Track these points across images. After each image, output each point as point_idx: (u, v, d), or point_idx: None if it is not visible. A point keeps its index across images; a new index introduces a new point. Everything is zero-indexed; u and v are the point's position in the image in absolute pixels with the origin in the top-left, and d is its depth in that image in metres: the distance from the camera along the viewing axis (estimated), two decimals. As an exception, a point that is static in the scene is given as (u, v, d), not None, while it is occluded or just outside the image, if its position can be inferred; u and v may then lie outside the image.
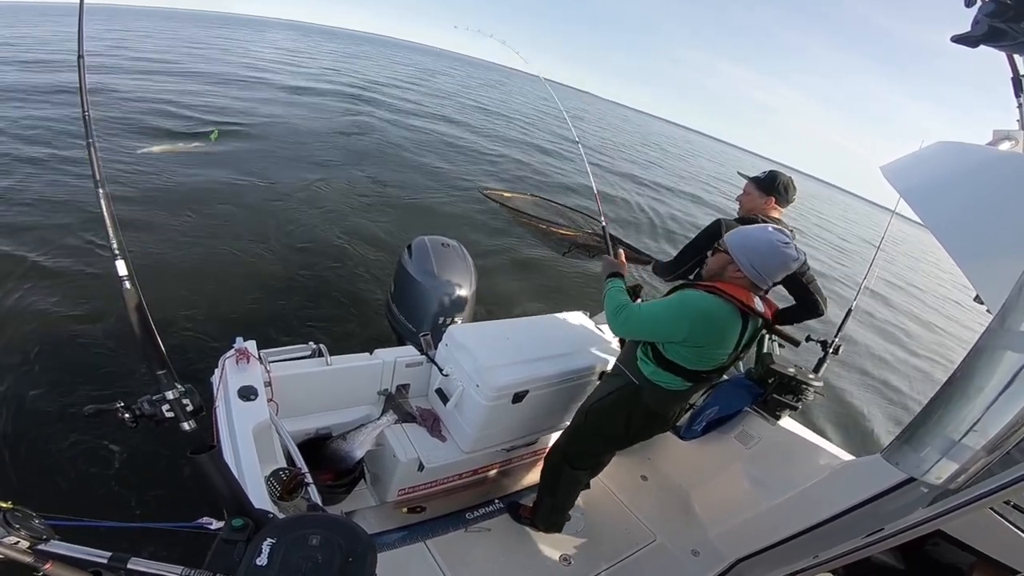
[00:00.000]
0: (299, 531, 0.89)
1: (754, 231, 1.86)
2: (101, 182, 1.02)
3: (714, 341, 1.83)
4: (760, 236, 1.81)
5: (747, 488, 2.63)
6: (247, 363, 2.10)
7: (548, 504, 2.51)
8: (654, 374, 1.97)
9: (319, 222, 6.93)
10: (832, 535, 1.93)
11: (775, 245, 1.76)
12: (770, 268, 1.79)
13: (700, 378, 1.96)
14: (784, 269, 1.81)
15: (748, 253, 1.79)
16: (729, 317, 1.79)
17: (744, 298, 1.78)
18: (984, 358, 1.30)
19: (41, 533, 0.81)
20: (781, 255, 1.77)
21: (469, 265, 3.29)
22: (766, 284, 1.84)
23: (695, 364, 1.88)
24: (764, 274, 1.79)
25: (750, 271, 1.79)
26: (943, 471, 1.39)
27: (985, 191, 1.52)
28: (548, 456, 2.48)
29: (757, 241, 1.80)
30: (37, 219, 5.46)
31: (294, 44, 43.12)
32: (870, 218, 47.64)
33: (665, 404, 2.08)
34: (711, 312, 1.78)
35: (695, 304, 1.80)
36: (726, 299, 1.77)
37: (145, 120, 9.80)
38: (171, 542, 2.41)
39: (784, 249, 1.76)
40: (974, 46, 1.38)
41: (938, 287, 19.10)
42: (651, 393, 2.02)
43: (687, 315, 1.79)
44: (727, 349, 1.85)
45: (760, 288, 1.85)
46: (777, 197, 2.51)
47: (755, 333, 1.92)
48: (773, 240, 1.77)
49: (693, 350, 1.84)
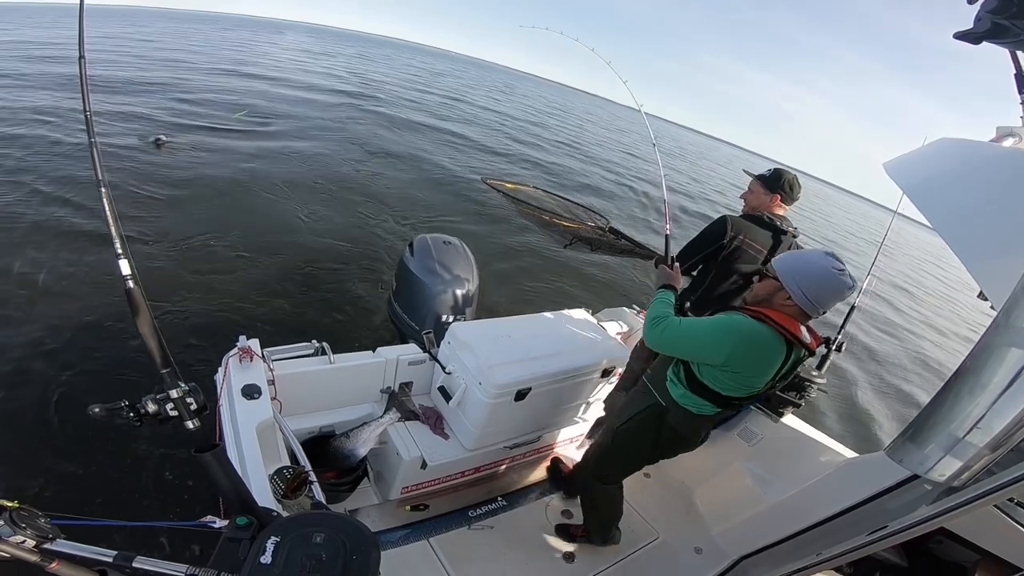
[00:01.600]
0: (303, 529, 0.89)
1: (806, 255, 1.71)
2: (103, 181, 1.01)
3: (754, 369, 1.72)
4: (813, 261, 1.66)
5: (750, 485, 2.63)
6: (250, 361, 2.11)
7: (596, 521, 2.50)
8: (683, 397, 1.89)
9: (322, 221, 6.94)
10: (835, 533, 1.93)
11: (830, 272, 1.62)
12: (823, 297, 1.64)
13: (731, 404, 1.86)
14: (838, 298, 1.66)
15: (799, 280, 1.65)
16: (775, 347, 1.68)
17: (793, 328, 1.67)
18: (988, 355, 1.30)
19: (47, 532, 0.81)
20: (836, 283, 1.62)
21: (471, 262, 3.29)
22: (817, 313, 1.69)
23: (729, 390, 1.78)
24: (816, 303, 1.64)
25: (801, 299, 1.65)
26: (947, 468, 1.39)
27: (988, 188, 1.52)
28: (576, 475, 2.45)
29: (810, 267, 1.65)
30: (40, 219, 5.48)
31: (310, 46, 43.21)
32: (881, 223, 47.49)
33: (691, 427, 2.00)
34: (757, 340, 1.67)
35: (741, 329, 1.68)
36: (774, 328, 1.66)
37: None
38: (176, 540, 2.43)
39: (839, 276, 1.61)
40: (976, 43, 1.37)
41: (941, 284, 19.04)
42: (677, 416, 1.94)
43: (731, 339, 1.68)
44: (766, 378, 1.75)
45: (808, 317, 1.71)
46: (782, 195, 2.48)
47: (796, 363, 1.79)
48: (827, 266, 1.62)
49: (731, 375, 1.74)
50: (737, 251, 2.46)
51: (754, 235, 2.47)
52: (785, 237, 2.49)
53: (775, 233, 2.48)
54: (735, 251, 2.46)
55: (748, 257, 2.47)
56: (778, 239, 2.49)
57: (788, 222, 2.52)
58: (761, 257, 2.48)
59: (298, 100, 15.33)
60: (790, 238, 2.51)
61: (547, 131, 23.72)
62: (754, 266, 2.49)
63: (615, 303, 3.69)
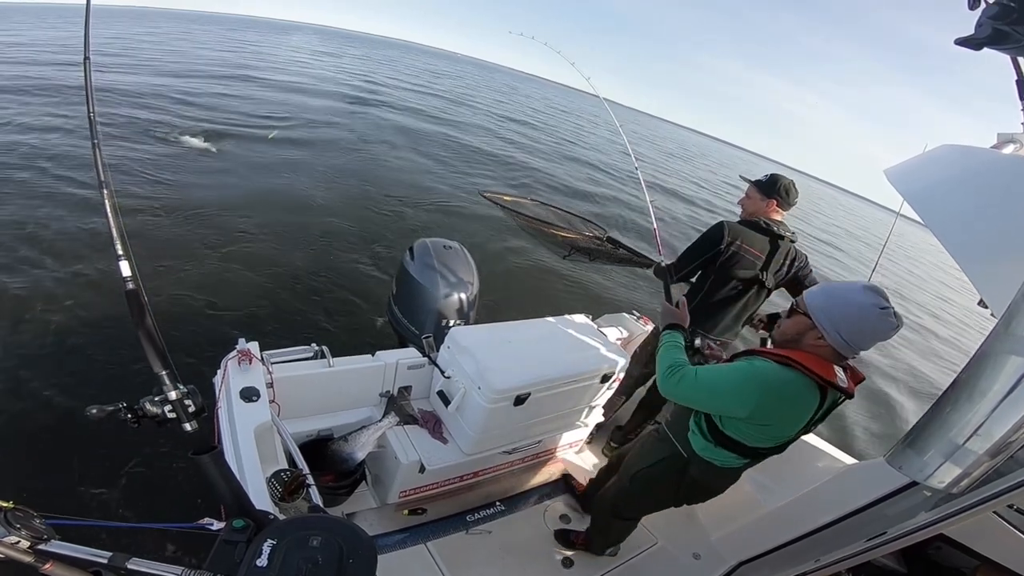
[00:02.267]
0: (300, 532, 0.89)
1: (844, 290, 1.48)
2: (106, 183, 1.02)
3: (783, 421, 1.55)
4: (852, 300, 1.43)
5: (749, 491, 2.62)
6: (249, 364, 2.10)
7: (601, 543, 2.51)
8: (705, 450, 1.74)
9: (321, 224, 6.95)
10: (834, 539, 1.92)
11: (872, 312, 1.39)
12: (862, 339, 1.43)
13: (760, 455, 1.68)
14: (880, 339, 1.44)
15: (835, 319, 1.44)
16: (805, 394, 1.48)
17: (826, 373, 1.46)
18: (988, 362, 1.29)
19: (42, 533, 0.81)
20: (878, 324, 1.40)
21: (471, 267, 3.28)
22: (853, 355, 1.49)
23: (757, 442, 1.61)
24: (853, 344, 1.44)
25: (836, 340, 1.44)
26: (946, 475, 1.38)
27: (989, 194, 1.52)
28: (597, 505, 2.43)
29: (848, 306, 1.43)
30: (43, 219, 5.49)
31: (316, 46, 43.43)
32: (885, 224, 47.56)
33: (716, 479, 1.84)
34: (784, 390, 1.47)
35: (767, 378, 1.48)
36: (805, 373, 1.45)
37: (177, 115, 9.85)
38: (172, 542, 2.43)
39: (884, 317, 1.39)
40: (978, 49, 1.37)
41: (942, 289, 19.03)
42: (699, 467, 1.79)
43: (755, 390, 1.48)
44: (797, 427, 1.56)
45: (844, 358, 1.51)
46: (779, 200, 2.49)
47: (832, 407, 1.59)
48: (868, 304, 1.40)
49: (757, 428, 1.57)
50: (734, 257, 2.47)
51: (751, 240, 2.47)
52: (783, 242, 2.50)
53: (772, 238, 2.49)
54: (732, 257, 2.47)
55: (746, 263, 2.48)
56: (775, 244, 2.50)
57: (786, 227, 2.52)
58: (759, 263, 2.49)
59: (301, 104, 15.39)
60: (788, 243, 2.52)
61: (542, 132, 23.78)
62: (752, 272, 2.50)
63: (615, 309, 3.69)
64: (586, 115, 42.91)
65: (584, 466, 3.13)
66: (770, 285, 2.55)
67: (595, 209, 11.60)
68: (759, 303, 2.66)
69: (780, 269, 2.54)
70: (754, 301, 2.64)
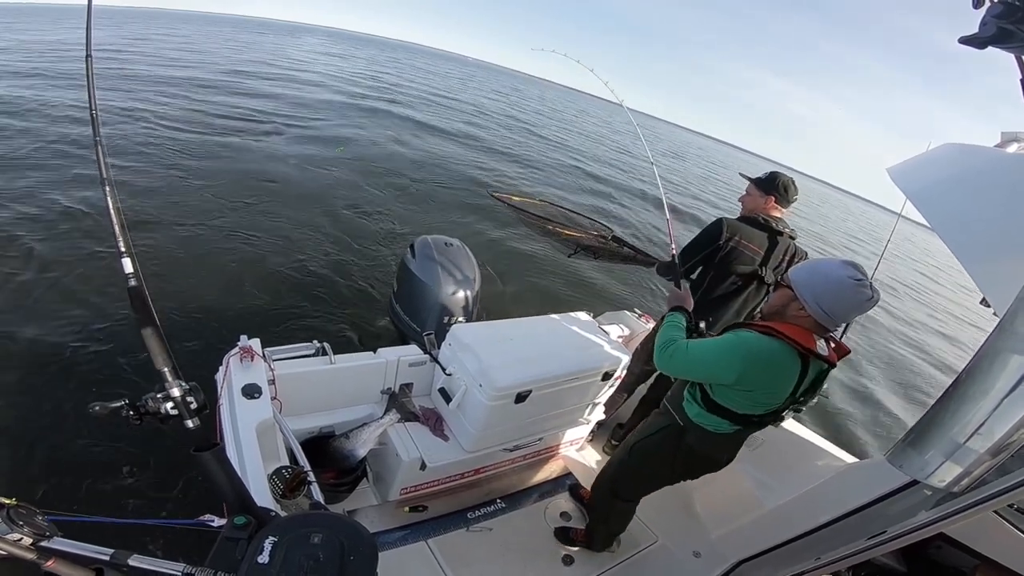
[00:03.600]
0: (301, 529, 0.89)
1: (823, 265, 1.62)
2: (108, 180, 1.02)
3: (767, 385, 1.66)
4: (830, 272, 1.56)
5: (749, 489, 2.63)
6: (251, 361, 2.11)
7: (603, 532, 2.51)
8: (699, 416, 1.85)
9: (323, 221, 6.94)
10: (835, 537, 1.92)
11: (847, 283, 1.52)
12: (840, 309, 1.55)
13: (751, 422, 1.79)
14: (857, 310, 1.56)
15: (814, 291, 1.57)
16: (786, 361, 1.60)
17: (806, 341, 1.58)
18: (990, 361, 1.29)
19: (44, 530, 0.81)
20: (853, 294, 1.52)
21: (472, 264, 3.29)
22: (834, 326, 1.61)
23: (745, 408, 1.72)
24: (832, 315, 1.56)
25: (816, 311, 1.56)
26: (947, 474, 1.38)
27: (992, 193, 1.52)
28: (596, 486, 2.43)
29: (826, 278, 1.56)
30: (45, 215, 5.50)
31: (327, 48, 43.50)
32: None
33: (711, 447, 1.94)
34: (766, 357, 1.60)
35: (748, 346, 1.61)
36: (784, 341, 1.58)
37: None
38: (173, 539, 2.43)
39: (857, 288, 1.51)
40: (982, 47, 1.36)
41: (944, 288, 19.01)
42: (695, 435, 1.89)
43: (739, 357, 1.61)
44: (783, 394, 1.67)
45: (826, 330, 1.63)
46: (777, 196, 2.51)
47: (818, 377, 1.72)
48: (843, 277, 1.52)
49: (744, 394, 1.69)
50: (733, 252, 2.50)
51: (750, 236, 2.51)
52: (781, 238, 2.53)
53: (771, 234, 2.52)
54: (731, 252, 2.51)
55: (744, 259, 2.51)
56: (774, 240, 2.52)
57: (784, 223, 2.55)
58: (758, 258, 2.52)
59: (310, 102, 15.39)
60: (787, 239, 2.55)
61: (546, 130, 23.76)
62: (751, 267, 2.53)
63: (617, 306, 3.69)
64: (589, 116, 42.85)
65: (585, 464, 3.13)
66: (769, 280, 2.56)
67: (610, 204, 11.59)
68: (759, 299, 2.67)
69: (779, 264, 2.56)
70: (754, 296, 2.65)
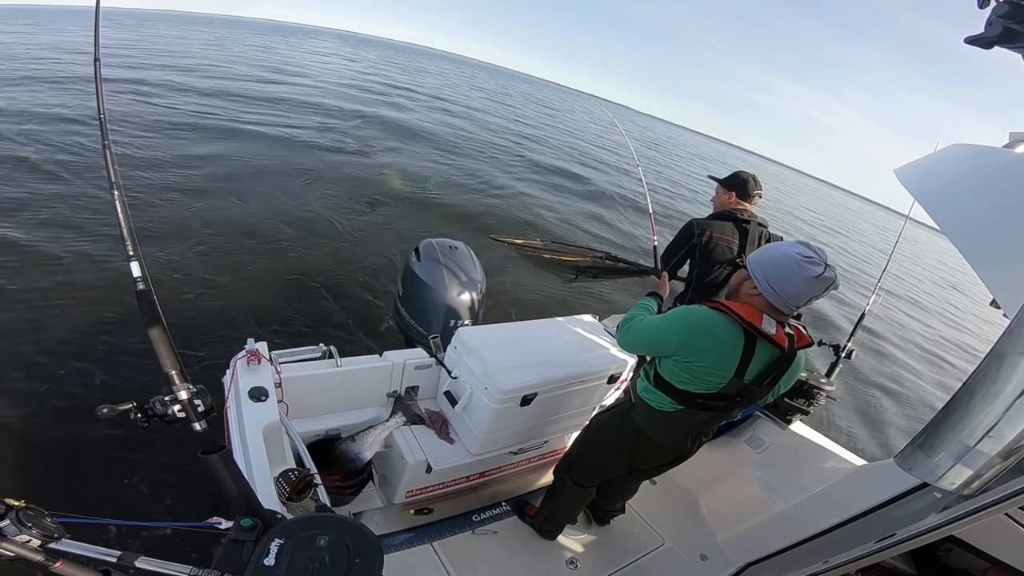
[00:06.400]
0: (307, 532, 0.89)
1: (776, 245, 1.65)
2: (116, 184, 1.02)
3: (705, 359, 1.65)
4: (779, 250, 1.58)
5: (757, 492, 2.61)
6: (258, 364, 2.11)
7: (547, 510, 2.49)
8: (645, 391, 1.88)
9: (329, 226, 6.97)
10: (843, 540, 1.91)
11: (794, 258, 1.52)
12: (788, 287, 1.54)
13: (694, 403, 1.76)
14: (808, 289, 1.53)
15: (764, 268, 1.58)
16: (727, 335, 1.61)
17: (749, 316, 1.57)
18: (1000, 363, 1.28)
19: (52, 531, 0.82)
20: (800, 271, 1.51)
21: (477, 267, 3.29)
22: (787, 307, 1.59)
23: (684, 383, 1.72)
24: (781, 293, 1.55)
25: (765, 288, 1.57)
26: (957, 476, 1.37)
27: (1001, 194, 1.50)
28: (560, 461, 2.45)
29: (775, 255, 1.58)
30: (54, 219, 5.54)
31: (335, 50, 43.82)
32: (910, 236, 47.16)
33: (656, 428, 1.91)
34: (705, 327, 1.63)
35: (691, 316, 1.66)
36: (729, 315, 1.60)
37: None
38: (180, 541, 2.44)
39: (804, 264, 1.50)
40: (988, 47, 1.36)
41: (954, 290, 18.86)
42: (640, 411, 1.91)
43: (680, 325, 1.67)
44: (723, 371, 1.65)
45: (780, 312, 1.61)
46: (737, 191, 2.70)
47: (772, 363, 1.68)
48: (792, 253, 1.53)
49: (682, 365, 1.69)
50: (710, 244, 2.65)
51: (720, 229, 2.67)
52: (750, 226, 2.66)
53: (738, 223, 2.68)
54: (708, 245, 2.65)
55: (721, 249, 2.66)
56: (743, 228, 2.67)
57: (752, 213, 2.70)
58: (735, 247, 2.66)
59: (317, 105, 15.47)
60: (757, 226, 2.67)
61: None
62: (730, 256, 2.66)
63: (622, 309, 3.68)
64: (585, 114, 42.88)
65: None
66: None
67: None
68: None
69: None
70: None
